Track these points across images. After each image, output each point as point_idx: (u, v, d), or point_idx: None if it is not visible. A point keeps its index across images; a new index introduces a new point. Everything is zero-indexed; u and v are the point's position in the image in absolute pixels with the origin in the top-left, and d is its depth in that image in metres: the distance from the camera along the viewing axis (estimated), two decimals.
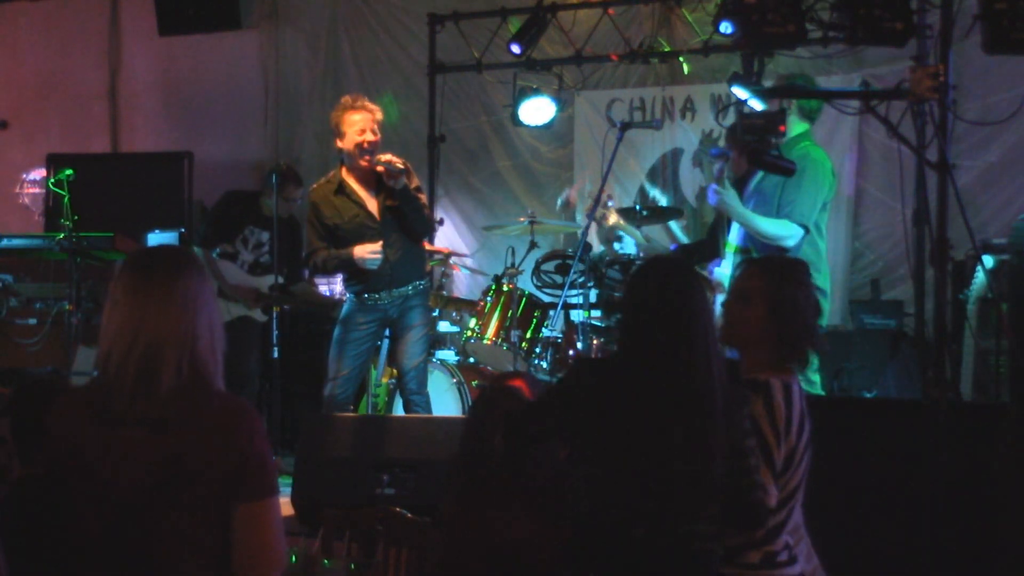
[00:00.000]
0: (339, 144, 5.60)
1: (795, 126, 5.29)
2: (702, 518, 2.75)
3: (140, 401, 2.39)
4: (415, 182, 5.66)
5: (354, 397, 5.94)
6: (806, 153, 5.25)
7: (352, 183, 5.61)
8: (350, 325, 5.69)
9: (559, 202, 6.43)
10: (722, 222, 5.58)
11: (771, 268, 3.18)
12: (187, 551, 2.40)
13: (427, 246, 6.19)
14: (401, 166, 5.46)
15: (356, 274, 5.66)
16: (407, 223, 5.60)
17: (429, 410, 5.81)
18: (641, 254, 6.30)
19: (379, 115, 5.60)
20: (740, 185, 5.38)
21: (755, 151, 4.96)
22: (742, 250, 5.26)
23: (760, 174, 5.28)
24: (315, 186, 5.77)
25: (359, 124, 5.53)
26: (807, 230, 5.11)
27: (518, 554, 2.92)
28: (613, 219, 6.03)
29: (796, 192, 5.10)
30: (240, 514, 2.42)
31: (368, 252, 5.53)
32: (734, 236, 5.32)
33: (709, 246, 5.98)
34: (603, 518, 2.75)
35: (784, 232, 5.09)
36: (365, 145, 5.51)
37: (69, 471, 2.43)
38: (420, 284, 5.76)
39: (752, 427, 2.88)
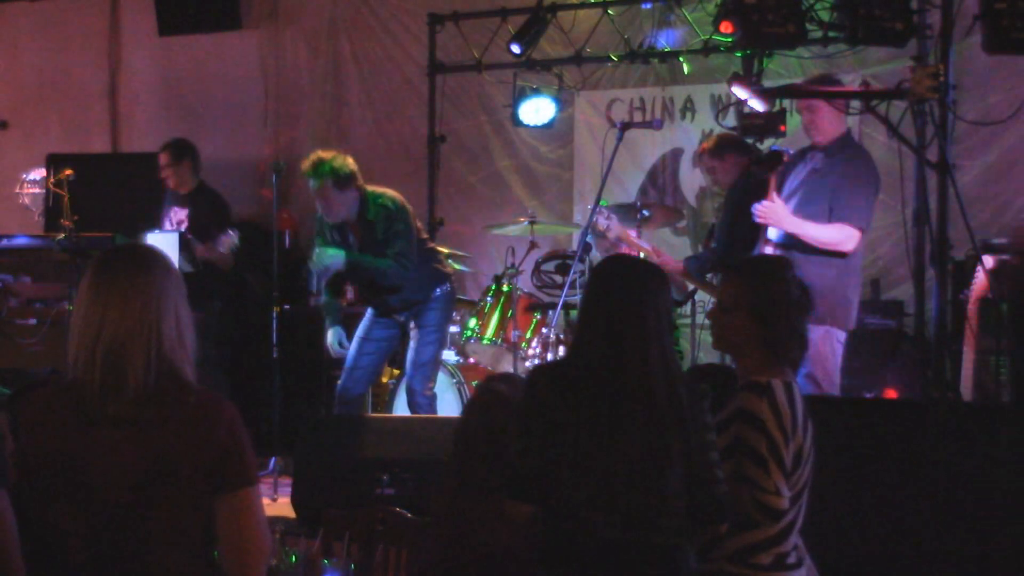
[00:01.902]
0: None
1: (840, 125, 5.17)
2: (667, 515, 2.74)
3: (110, 401, 2.40)
4: (398, 225, 5.64)
5: (366, 393, 5.98)
6: (856, 154, 5.17)
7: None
8: (368, 330, 5.79)
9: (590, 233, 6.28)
10: (728, 227, 5.52)
11: (750, 274, 3.18)
12: (174, 546, 2.42)
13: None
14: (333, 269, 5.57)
15: (361, 291, 5.81)
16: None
17: (433, 412, 5.82)
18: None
19: (338, 171, 5.52)
20: (752, 193, 5.28)
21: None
22: (783, 246, 5.07)
23: (803, 175, 5.18)
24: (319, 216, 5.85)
25: (313, 195, 5.63)
26: (862, 232, 5.01)
27: (508, 557, 2.92)
28: (616, 233, 6.02)
29: (851, 195, 4.98)
30: (223, 505, 2.43)
31: (330, 346, 5.86)
32: (773, 234, 5.14)
33: (714, 256, 5.92)
34: (571, 518, 2.75)
35: (841, 236, 4.96)
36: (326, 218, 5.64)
37: (48, 471, 2.43)
38: (435, 293, 5.79)
39: (762, 430, 2.89)
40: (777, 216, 5.02)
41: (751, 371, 3.03)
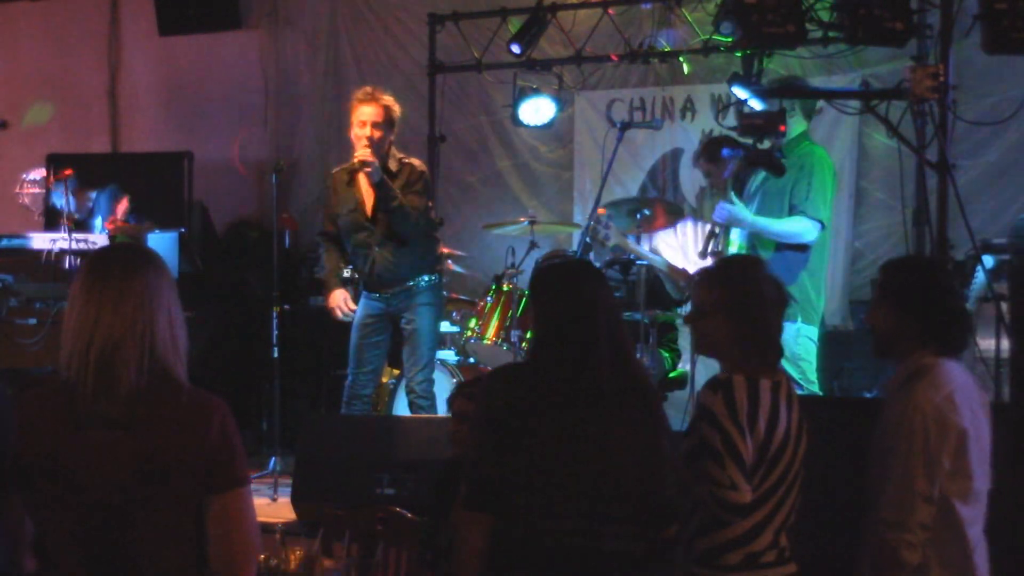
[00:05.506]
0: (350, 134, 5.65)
1: (797, 125, 5.33)
2: (619, 521, 2.73)
3: (102, 401, 2.40)
4: (418, 185, 5.66)
5: (375, 390, 5.97)
6: (810, 151, 5.32)
7: (360, 176, 5.63)
8: (361, 323, 5.78)
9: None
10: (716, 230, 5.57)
11: (723, 275, 3.20)
12: (166, 546, 2.42)
13: None
14: (371, 159, 5.46)
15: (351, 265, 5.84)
16: (396, 223, 5.60)
17: (433, 412, 5.81)
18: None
19: (391, 109, 5.59)
20: (734, 190, 5.41)
21: (751, 152, 4.98)
22: (747, 246, 5.31)
23: (761, 176, 5.30)
24: (335, 170, 5.86)
25: (361, 117, 5.55)
26: (822, 225, 5.18)
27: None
28: (615, 240, 6.02)
29: (808, 190, 5.17)
30: (214, 505, 2.43)
31: (337, 306, 5.72)
32: (736, 235, 5.35)
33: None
34: (524, 524, 2.73)
35: (800, 228, 5.17)
36: (361, 139, 5.53)
37: (40, 472, 2.43)
38: (424, 281, 5.75)
39: (715, 424, 2.90)
40: (737, 216, 5.20)
41: (728, 370, 3.05)
